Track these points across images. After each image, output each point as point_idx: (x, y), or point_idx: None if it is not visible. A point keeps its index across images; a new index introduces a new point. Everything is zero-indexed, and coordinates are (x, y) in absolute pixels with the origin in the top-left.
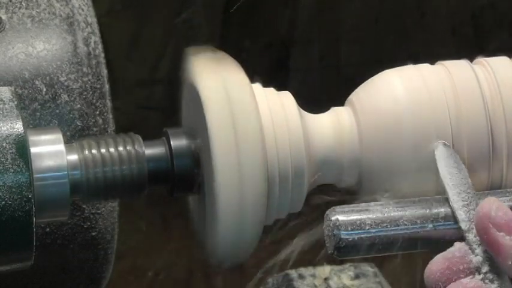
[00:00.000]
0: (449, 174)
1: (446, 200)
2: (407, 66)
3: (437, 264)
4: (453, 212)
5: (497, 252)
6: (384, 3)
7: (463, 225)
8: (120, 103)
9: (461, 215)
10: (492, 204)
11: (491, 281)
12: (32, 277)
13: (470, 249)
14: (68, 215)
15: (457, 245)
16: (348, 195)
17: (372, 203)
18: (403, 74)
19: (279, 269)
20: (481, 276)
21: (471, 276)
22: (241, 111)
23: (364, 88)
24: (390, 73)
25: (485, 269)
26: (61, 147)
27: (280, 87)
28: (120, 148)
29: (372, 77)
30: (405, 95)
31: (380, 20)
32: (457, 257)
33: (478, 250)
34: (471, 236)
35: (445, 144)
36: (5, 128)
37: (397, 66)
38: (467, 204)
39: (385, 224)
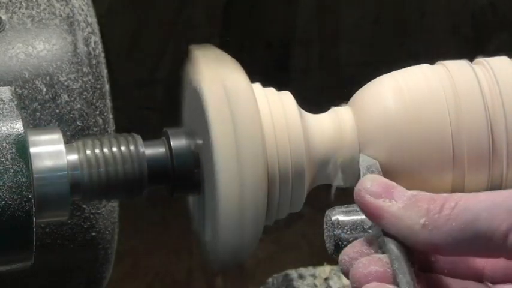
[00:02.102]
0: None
1: None
2: (407, 67)
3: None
4: None
5: (381, 218)
6: (384, 3)
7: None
8: (120, 103)
9: None
10: (367, 178)
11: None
12: (32, 277)
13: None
14: (68, 215)
15: None
16: (348, 195)
17: None
18: (403, 74)
19: None
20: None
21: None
22: (241, 111)
23: (364, 89)
24: (390, 74)
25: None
26: (61, 147)
27: (280, 87)
28: (120, 148)
29: (373, 79)
30: (405, 95)
31: (380, 20)
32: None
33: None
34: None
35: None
36: (5, 128)
37: (397, 66)
38: None
39: None
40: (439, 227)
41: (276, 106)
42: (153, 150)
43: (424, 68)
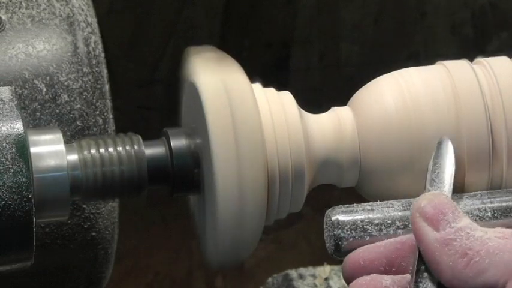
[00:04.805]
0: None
1: None
2: (407, 67)
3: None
4: None
5: (419, 242)
6: (384, 3)
7: None
8: (120, 103)
9: None
10: (425, 197)
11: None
12: (32, 277)
13: None
14: (68, 215)
15: None
16: (348, 195)
17: (372, 203)
18: (403, 74)
19: None
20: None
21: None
22: (241, 111)
23: (364, 89)
24: (390, 74)
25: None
26: (61, 147)
27: (280, 87)
28: (120, 148)
29: (373, 79)
30: (405, 95)
31: (380, 20)
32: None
33: None
34: None
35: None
36: (5, 128)
37: (397, 66)
38: None
39: (385, 224)
40: (459, 271)
41: (276, 106)
42: (153, 150)
43: (424, 68)
